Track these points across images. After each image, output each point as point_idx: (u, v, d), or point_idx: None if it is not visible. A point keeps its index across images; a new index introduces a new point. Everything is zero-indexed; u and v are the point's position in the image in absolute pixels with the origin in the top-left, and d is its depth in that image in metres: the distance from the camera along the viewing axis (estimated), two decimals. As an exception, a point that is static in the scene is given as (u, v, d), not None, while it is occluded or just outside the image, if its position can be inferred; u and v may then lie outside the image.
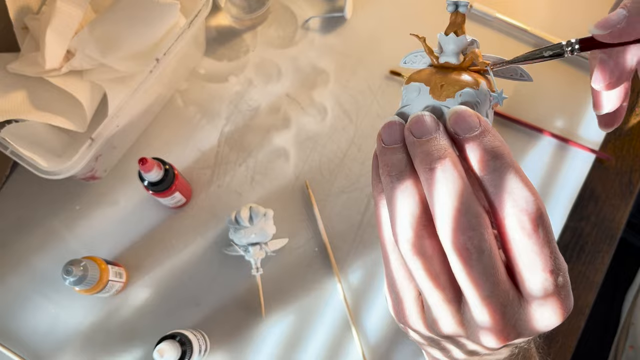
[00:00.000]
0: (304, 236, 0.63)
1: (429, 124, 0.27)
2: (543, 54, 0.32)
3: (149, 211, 0.63)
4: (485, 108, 0.29)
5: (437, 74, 0.30)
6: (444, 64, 0.31)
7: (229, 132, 0.66)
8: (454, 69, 0.30)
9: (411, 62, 0.34)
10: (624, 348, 0.78)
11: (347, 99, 0.67)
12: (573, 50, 0.32)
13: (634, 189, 0.65)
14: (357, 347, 0.60)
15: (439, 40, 0.31)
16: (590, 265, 0.63)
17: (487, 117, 0.29)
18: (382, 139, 0.28)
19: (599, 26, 0.31)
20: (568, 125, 0.67)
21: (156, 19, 0.57)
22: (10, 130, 0.55)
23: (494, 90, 0.29)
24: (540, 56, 0.31)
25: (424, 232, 0.27)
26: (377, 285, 0.62)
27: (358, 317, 0.61)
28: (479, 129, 0.27)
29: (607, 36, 0.31)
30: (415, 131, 0.27)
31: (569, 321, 0.61)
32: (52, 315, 0.60)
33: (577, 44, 0.31)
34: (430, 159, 0.26)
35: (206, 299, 0.61)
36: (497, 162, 0.26)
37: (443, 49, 0.31)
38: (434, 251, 0.27)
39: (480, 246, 0.25)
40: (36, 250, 0.62)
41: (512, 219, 0.26)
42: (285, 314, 0.61)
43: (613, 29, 0.30)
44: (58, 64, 0.57)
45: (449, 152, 0.26)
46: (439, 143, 0.27)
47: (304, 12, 0.70)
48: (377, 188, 0.29)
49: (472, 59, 0.30)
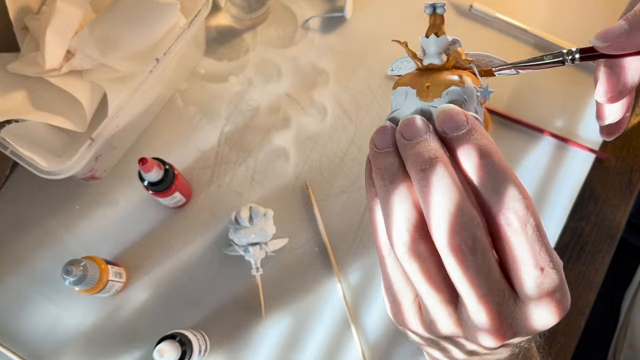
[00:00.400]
0: (304, 236, 0.63)
1: (419, 126, 0.28)
2: (544, 60, 0.32)
3: (149, 211, 0.63)
4: (473, 104, 0.29)
5: (423, 76, 0.30)
6: (427, 65, 0.31)
7: (229, 132, 0.66)
8: (438, 69, 0.30)
9: (398, 68, 0.35)
10: (622, 347, 0.78)
11: (347, 99, 0.67)
12: (574, 60, 0.32)
13: (634, 189, 0.66)
14: (357, 346, 0.60)
15: (421, 43, 0.32)
16: (590, 265, 0.63)
17: (477, 114, 0.29)
18: (375, 144, 0.29)
19: (599, 37, 0.31)
20: (568, 125, 0.67)
21: (156, 19, 0.57)
22: (10, 130, 0.55)
23: (480, 86, 0.30)
24: (542, 62, 0.32)
25: (418, 235, 0.27)
26: (376, 285, 0.62)
27: (358, 316, 0.61)
28: (466, 127, 0.27)
29: (607, 48, 0.31)
30: (406, 134, 0.28)
31: (569, 321, 0.61)
32: (52, 315, 0.60)
33: (577, 53, 0.32)
34: (421, 161, 0.26)
35: (206, 299, 0.61)
36: (485, 160, 0.26)
37: (425, 51, 0.31)
38: (429, 253, 0.27)
39: (474, 246, 0.25)
40: (36, 250, 0.62)
41: (500, 217, 0.26)
42: (285, 313, 0.61)
43: (613, 40, 0.30)
44: (58, 64, 0.57)
45: (440, 154, 0.27)
46: (430, 145, 0.27)
47: (304, 12, 0.70)
48: (370, 192, 0.29)
49: (455, 58, 0.30)
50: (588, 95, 0.68)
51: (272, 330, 0.60)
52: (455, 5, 0.70)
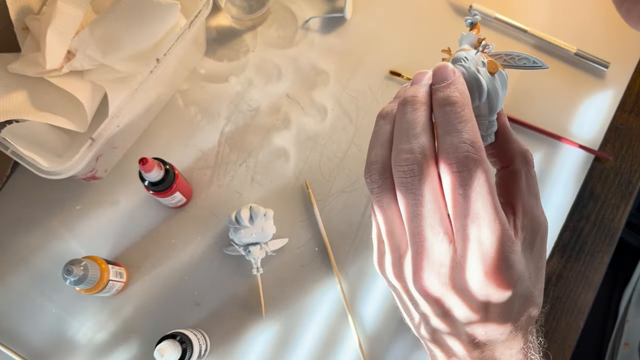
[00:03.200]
0: (304, 236, 0.63)
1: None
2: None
3: (149, 211, 0.63)
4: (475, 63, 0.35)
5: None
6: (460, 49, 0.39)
7: (229, 132, 0.66)
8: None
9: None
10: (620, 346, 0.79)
11: (347, 99, 0.67)
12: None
13: (633, 189, 0.66)
14: (356, 346, 0.60)
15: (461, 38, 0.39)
16: (590, 265, 0.64)
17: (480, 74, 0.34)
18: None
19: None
20: (567, 125, 0.67)
21: (157, 19, 0.57)
22: (11, 130, 0.55)
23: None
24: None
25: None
26: (376, 285, 0.62)
27: (358, 316, 0.61)
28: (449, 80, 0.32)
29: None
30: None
31: (568, 320, 0.61)
32: (52, 315, 0.60)
33: None
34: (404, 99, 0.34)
35: (206, 298, 0.61)
36: (448, 107, 0.31)
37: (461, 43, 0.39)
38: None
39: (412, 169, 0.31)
40: (37, 250, 0.62)
41: (441, 157, 0.30)
42: (285, 313, 0.61)
43: None
44: (59, 64, 0.57)
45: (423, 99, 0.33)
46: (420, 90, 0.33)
47: (304, 13, 0.70)
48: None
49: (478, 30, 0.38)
50: (587, 95, 0.68)
51: (272, 330, 0.61)
52: (455, 6, 0.70)
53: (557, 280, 0.63)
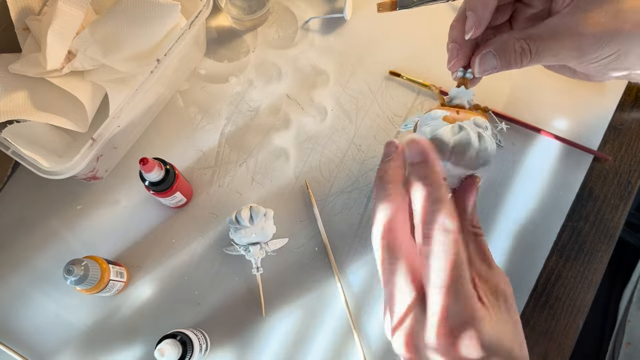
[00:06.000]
0: (304, 236, 0.63)
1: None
2: None
3: (149, 211, 0.63)
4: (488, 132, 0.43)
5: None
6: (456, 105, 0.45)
7: (229, 132, 0.66)
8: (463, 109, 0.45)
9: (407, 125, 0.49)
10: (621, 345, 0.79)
11: (347, 99, 0.67)
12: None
13: (632, 189, 0.66)
14: (357, 345, 0.60)
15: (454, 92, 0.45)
16: (589, 265, 0.64)
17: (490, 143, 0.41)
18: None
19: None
20: (567, 125, 0.67)
21: (157, 19, 0.57)
22: (12, 131, 0.55)
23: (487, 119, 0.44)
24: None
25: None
26: (376, 285, 0.62)
27: (358, 316, 0.61)
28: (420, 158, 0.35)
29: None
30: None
31: (567, 320, 0.61)
32: (53, 315, 0.61)
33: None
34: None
35: (207, 298, 0.61)
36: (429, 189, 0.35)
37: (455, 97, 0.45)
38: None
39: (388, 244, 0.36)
40: (37, 250, 0.62)
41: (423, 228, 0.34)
42: (285, 313, 0.61)
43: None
44: (59, 65, 0.57)
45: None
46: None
47: (304, 13, 0.70)
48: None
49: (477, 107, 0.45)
50: (587, 95, 0.68)
51: (272, 329, 0.61)
52: (455, 7, 0.70)
53: (556, 280, 0.63)
